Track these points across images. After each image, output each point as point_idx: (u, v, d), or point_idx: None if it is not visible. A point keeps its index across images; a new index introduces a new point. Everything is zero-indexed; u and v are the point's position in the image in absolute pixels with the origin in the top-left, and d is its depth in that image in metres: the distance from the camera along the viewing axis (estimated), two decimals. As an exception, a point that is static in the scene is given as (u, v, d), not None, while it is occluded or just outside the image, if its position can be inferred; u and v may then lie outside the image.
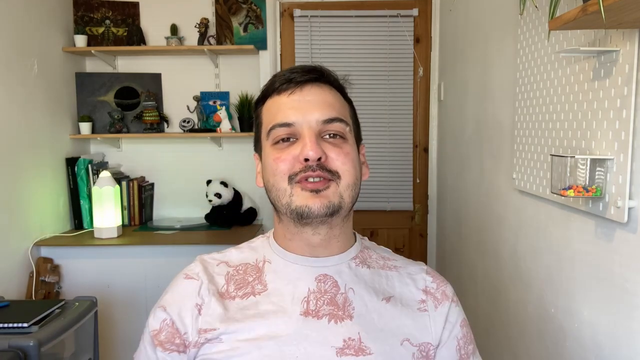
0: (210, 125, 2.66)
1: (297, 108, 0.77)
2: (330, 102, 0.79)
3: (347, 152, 0.77)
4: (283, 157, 0.76)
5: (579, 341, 1.13)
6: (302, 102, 0.77)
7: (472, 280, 1.99)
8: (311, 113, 0.76)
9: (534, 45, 1.35)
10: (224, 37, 2.65)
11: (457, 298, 0.87)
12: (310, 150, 0.74)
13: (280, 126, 0.77)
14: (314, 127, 0.76)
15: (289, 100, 0.78)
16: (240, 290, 0.80)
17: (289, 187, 0.76)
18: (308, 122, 0.76)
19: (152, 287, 2.26)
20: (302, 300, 0.78)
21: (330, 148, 0.76)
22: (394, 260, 0.88)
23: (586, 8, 0.78)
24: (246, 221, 2.63)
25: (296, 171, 0.75)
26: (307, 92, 0.78)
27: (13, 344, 1.43)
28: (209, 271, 0.83)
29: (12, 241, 2.10)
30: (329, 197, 0.75)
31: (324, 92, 0.79)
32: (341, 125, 0.78)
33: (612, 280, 1.00)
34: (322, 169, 0.75)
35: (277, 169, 0.77)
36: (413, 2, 2.73)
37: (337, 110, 0.79)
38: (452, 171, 2.42)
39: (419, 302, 0.82)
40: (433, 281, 0.85)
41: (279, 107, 0.78)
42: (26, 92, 2.19)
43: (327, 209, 0.75)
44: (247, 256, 0.85)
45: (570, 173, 1.02)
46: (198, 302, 0.79)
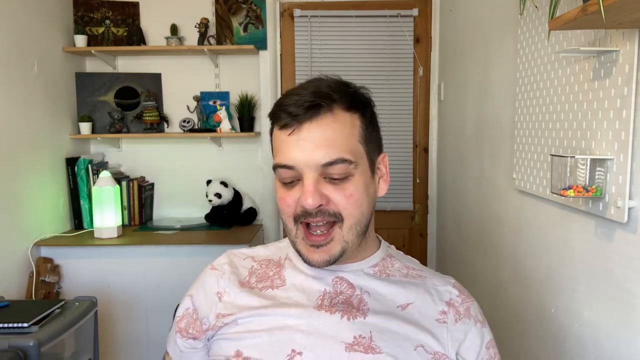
0: (210, 125, 2.66)
1: (298, 149, 0.75)
2: (331, 139, 0.75)
3: (350, 193, 0.76)
4: (286, 200, 0.77)
5: (579, 341, 1.13)
6: (301, 142, 0.75)
7: (472, 280, 1.99)
8: (311, 155, 0.74)
9: (534, 45, 1.35)
10: (224, 37, 2.65)
11: (483, 317, 0.85)
12: (307, 198, 0.74)
13: (282, 167, 0.77)
14: (314, 170, 0.75)
15: (289, 139, 0.76)
16: (260, 283, 0.85)
17: (294, 227, 0.78)
18: (308, 165, 0.74)
19: (152, 287, 2.26)
20: (317, 297, 0.81)
21: (333, 190, 0.75)
22: (420, 271, 0.88)
23: (586, 8, 0.78)
24: (246, 221, 2.62)
25: (298, 213, 0.77)
26: (306, 132, 0.75)
27: (13, 344, 1.43)
28: (235, 263, 0.89)
29: (12, 241, 2.09)
30: (330, 251, 0.77)
31: (326, 127, 0.75)
32: (343, 166, 0.75)
33: (612, 280, 1.00)
34: (324, 214, 0.75)
35: (282, 209, 0.79)
36: (413, 2, 2.73)
37: (340, 148, 0.75)
38: (452, 171, 2.42)
39: (439, 314, 0.81)
40: (459, 295, 0.84)
41: (281, 145, 0.77)
42: (26, 92, 2.19)
43: (327, 262, 0.77)
44: (272, 253, 0.90)
45: (570, 173, 1.02)
46: (219, 291, 0.85)
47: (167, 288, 2.25)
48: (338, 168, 0.75)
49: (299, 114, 0.75)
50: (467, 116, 2.10)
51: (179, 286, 2.28)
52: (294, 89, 0.80)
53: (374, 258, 0.85)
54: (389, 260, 0.87)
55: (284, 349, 0.76)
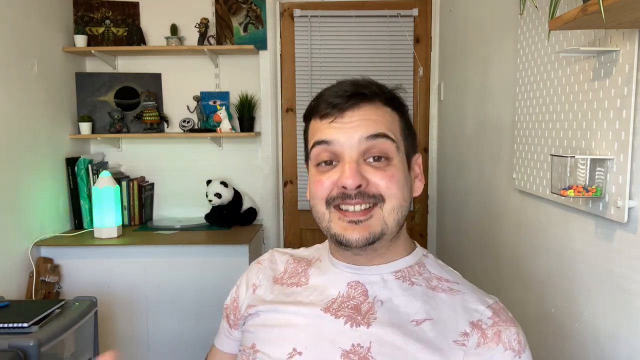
0: (210, 125, 2.66)
1: (337, 128, 0.74)
2: (374, 119, 0.74)
3: (391, 174, 0.73)
4: (323, 181, 0.74)
5: (579, 341, 1.13)
6: (344, 124, 0.73)
7: (472, 280, 1.99)
8: (353, 132, 0.73)
9: (534, 45, 1.35)
10: (224, 37, 2.65)
11: (520, 347, 0.71)
12: (348, 177, 0.70)
13: (319, 144, 0.74)
14: (355, 148, 0.72)
15: (328, 124, 0.75)
16: (290, 279, 0.87)
17: (327, 211, 0.75)
18: (349, 141, 0.72)
19: (152, 287, 2.26)
20: (330, 299, 0.80)
21: (373, 172, 0.73)
22: (455, 284, 0.79)
23: (586, 8, 0.78)
24: (246, 221, 2.62)
25: (333, 196, 0.73)
26: (348, 117, 0.74)
27: (13, 344, 1.43)
28: (275, 259, 0.92)
29: (12, 241, 2.09)
30: (369, 228, 0.73)
31: (368, 111, 0.74)
32: (386, 142, 0.73)
33: (612, 280, 1.00)
34: (363, 195, 0.72)
35: (316, 192, 0.76)
36: (413, 2, 2.73)
37: (383, 126, 0.74)
38: (452, 171, 2.42)
39: (460, 335, 0.72)
40: (491, 317, 0.73)
41: (319, 128, 0.76)
42: (26, 92, 2.19)
43: (366, 240, 0.73)
44: (310, 253, 0.91)
45: (570, 173, 1.02)
46: (256, 283, 0.89)
47: (167, 288, 2.25)
48: (380, 143, 0.73)
49: (341, 103, 0.73)
50: (467, 116, 2.10)
51: (179, 286, 2.29)
52: (332, 85, 0.78)
53: (399, 263, 0.80)
54: (418, 268, 0.81)
55: (287, 347, 0.77)
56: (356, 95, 0.74)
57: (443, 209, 2.64)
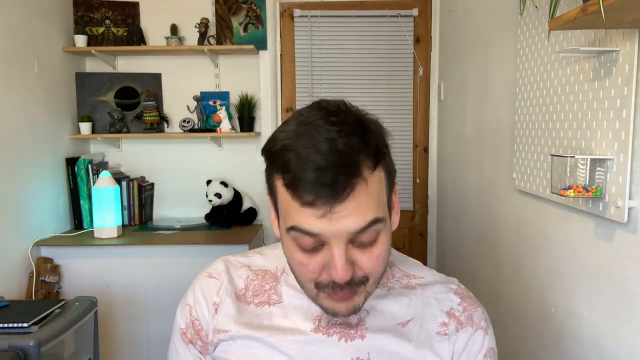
0: (210, 125, 2.66)
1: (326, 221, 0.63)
2: (365, 206, 0.64)
3: (377, 254, 0.68)
4: (310, 266, 0.68)
5: (579, 341, 1.13)
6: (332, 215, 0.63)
7: (472, 280, 1.99)
8: (343, 225, 0.63)
9: (534, 45, 1.35)
10: (224, 37, 2.65)
11: (486, 324, 0.80)
12: (340, 272, 0.65)
13: (301, 232, 0.65)
14: (344, 238, 0.65)
15: (315, 219, 0.64)
16: (256, 298, 0.80)
17: (315, 289, 0.70)
18: (338, 233, 0.64)
19: (152, 287, 2.26)
20: (314, 317, 0.76)
21: (360, 255, 0.67)
22: (421, 278, 0.82)
23: (586, 8, 0.78)
24: (246, 221, 2.62)
25: (323, 282, 0.68)
26: (338, 209, 0.63)
27: (13, 344, 1.43)
28: (230, 272, 0.83)
29: (12, 241, 2.09)
30: (353, 302, 0.70)
31: (358, 197, 0.63)
32: (378, 226, 0.66)
33: (612, 280, 1.00)
34: (351, 283, 0.68)
35: (301, 274, 0.70)
36: (413, 2, 2.73)
37: (373, 211, 0.65)
38: (452, 171, 2.42)
39: (440, 326, 0.77)
40: (460, 303, 0.80)
41: (301, 216, 0.64)
42: (26, 92, 2.19)
43: (353, 312, 0.71)
44: (269, 263, 0.84)
45: (570, 173, 1.02)
46: (216, 302, 0.80)
47: (167, 288, 2.25)
48: (371, 232, 0.66)
49: (328, 196, 0.62)
50: (467, 116, 2.10)
51: (179, 286, 2.28)
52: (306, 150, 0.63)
53: None
54: (389, 271, 0.82)
55: None
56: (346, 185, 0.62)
57: (443, 209, 2.64)
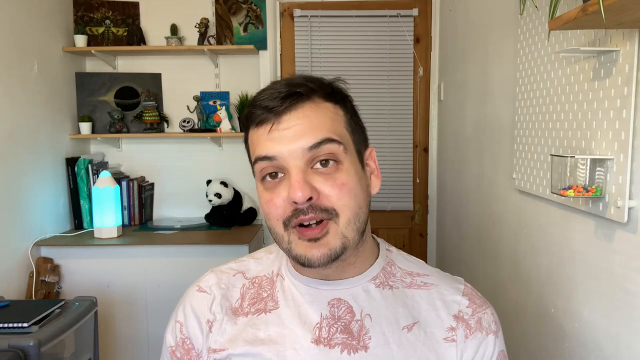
0: (210, 125, 2.66)
1: (278, 139, 0.67)
2: (315, 123, 0.68)
3: (342, 182, 0.67)
4: (274, 201, 0.68)
5: (579, 341, 1.13)
6: (282, 132, 0.67)
7: (471, 280, 1.98)
8: (294, 142, 0.67)
9: (534, 45, 1.35)
10: (224, 37, 2.65)
11: (496, 326, 0.76)
12: (297, 191, 0.65)
13: (262, 159, 0.68)
14: (300, 158, 0.67)
15: (269, 135, 0.68)
16: (253, 307, 0.77)
17: (285, 233, 0.69)
18: (291, 152, 0.66)
19: (152, 287, 2.26)
20: (314, 326, 0.72)
21: (322, 182, 0.67)
22: (425, 276, 0.79)
23: (586, 8, 0.78)
24: (246, 221, 2.62)
25: (289, 215, 0.67)
26: (286, 122, 0.67)
27: (13, 344, 1.43)
28: (224, 283, 0.79)
29: (12, 241, 2.09)
30: (328, 244, 0.67)
31: (307, 114, 0.68)
32: (332, 146, 0.67)
33: (612, 280, 1.00)
34: (315, 209, 0.66)
35: (270, 213, 0.70)
36: (413, 2, 2.73)
37: (326, 129, 0.68)
38: (452, 171, 2.42)
39: (447, 331, 0.73)
40: (469, 305, 0.76)
41: (259, 140, 0.69)
42: (26, 92, 2.19)
43: (328, 257, 0.68)
44: (265, 268, 0.81)
45: (570, 173, 1.02)
46: (209, 319, 0.76)
47: (167, 288, 2.25)
48: (326, 149, 0.67)
49: (276, 106, 0.67)
50: (467, 116, 2.10)
51: (179, 286, 2.28)
52: (266, 87, 0.72)
53: (374, 269, 0.77)
54: (390, 269, 0.78)
55: None
56: (291, 95, 0.68)
57: (443, 209, 2.64)
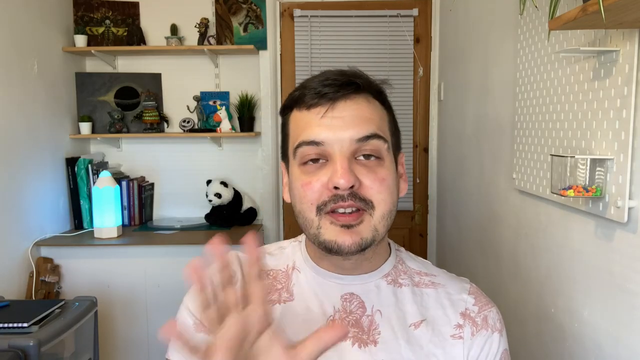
0: (210, 125, 2.66)
1: (328, 126, 0.67)
2: (366, 116, 0.69)
3: (383, 177, 0.68)
4: (312, 183, 0.68)
5: (579, 341, 1.13)
6: (334, 120, 0.67)
7: (471, 280, 1.98)
8: (344, 131, 0.67)
9: (534, 45, 1.35)
10: (224, 37, 2.65)
11: (501, 324, 0.78)
12: (341, 177, 0.65)
13: (308, 144, 0.68)
14: (347, 147, 0.67)
15: (319, 118, 0.68)
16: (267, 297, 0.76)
17: (316, 218, 0.68)
18: (340, 141, 0.67)
19: (152, 287, 2.26)
20: (327, 318, 0.74)
21: (365, 173, 0.68)
22: (433, 276, 0.80)
23: (586, 8, 0.78)
24: (246, 221, 2.62)
25: (325, 200, 0.67)
26: (340, 110, 0.68)
27: (13, 344, 1.43)
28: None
29: (12, 241, 2.09)
30: (361, 234, 0.68)
31: (360, 105, 0.69)
32: (378, 142, 0.68)
33: (612, 280, 1.00)
34: (355, 197, 0.67)
35: (305, 197, 0.69)
36: (413, 2, 2.73)
37: (375, 125, 0.69)
38: (452, 171, 2.42)
39: (455, 328, 0.75)
40: (475, 304, 0.78)
41: (308, 123, 0.69)
42: (26, 92, 2.19)
43: (358, 246, 0.68)
44: (280, 263, 0.81)
45: (570, 173, 1.02)
46: None
47: (167, 288, 2.25)
48: (372, 144, 0.68)
49: (331, 92, 0.67)
50: (467, 116, 2.10)
51: (179, 286, 2.28)
52: (317, 74, 0.72)
53: (386, 266, 0.78)
54: (400, 267, 0.80)
55: None
56: (347, 85, 0.69)
57: (443, 209, 2.64)
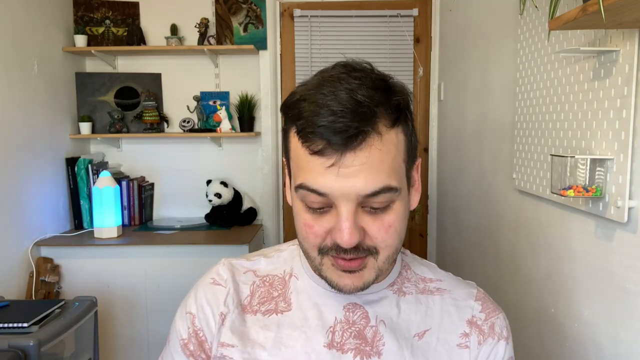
0: (210, 125, 2.66)
1: (334, 179, 0.61)
2: (376, 166, 0.61)
3: (390, 223, 0.64)
4: (315, 229, 0.65)
5: (579, 341, 1.13)
6: (341, 170, 0.60)
7: (471, 280, 1.99)
8: (352, 184, 0.60)
9: (534, 45, 1.35)
10: (224, 37, 2.65)
11: (508, 332, 0.76)
12: (345, 236, 0.61)
13: (311, 192, 0.62)
14: (353, 201, 0.61)
15: (324, 167, 0.61)
16: (263, 306, 0.75)
17: (318, 257, 0.67)
18: (345, 195, 0.61)
19: (152, 287, 2.26)
20: (327, 329, 0.71)
21: (371, 222, 0.64)
22: (438, 282, 0.78)
23: (586, 8, 0.78)
24: (246, 221, 2.62)
25: (327, 246, 0.65)
26: (349, 161, 0.60)
27: (13, 344, 1.43)
28: (236, 278, 0.77)
29: (12, 241, 2.09)
30: (363, 278, 0.66)
31: (372, 153, 0.60)
32: (388, 195, 0.62)
33: (612, 280, 1.00)
34: (358, 250, 0.64)
35: (307, 238, 0.66)
36: (413, 2, 2.73)
37: (386, 174, 0.62)
38: (452, 171, 2.42)
39: (461, 337, 0.73)
40: (482, 310, 0.76)
41: (311, 168, 0.62)
42: (26, 92, 2.19)
43: (359, 289, 0.67)
44: (276, 267, 0.78)
45: (570, 173, 1.02)
46: (223, 312, 0.74)
47: (167, 288, 2.25)
48: (382, 197, 0.62)
49: (339, 143, 0.59)
50: (467, 116, 2.10)
51: (179, 286, 2.28)
52: (324, 97, 0.62)
53: (391, 275, 0.76)
54: (406, 273, 0.78)
55: None
56: (359, 134, 0.60)
57: (443, 209, 2.64)
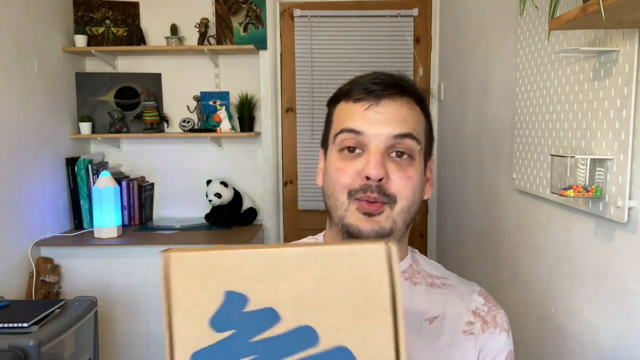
0: (210, 125, 2.66)
1: (370, 119, 0.73)
2: (405, 117, 0.75)
3: (410, 175, 0.74)
4: (346, 170, 0.74)
5: (579, 341, 1.13)
6: (376, 114, 0.74)
7: (471, 280, 1.99)
8: (383, 126, 0.73)
9: (534, 45, 1.35)
10: (224, 37, 2.65)
11: (508, 326, 0.82)
12: (373, 168, 0.71)
13: (348, 131, 0.74)
14: (383, 142, 0.73)
15: (362, 110, 0.74)
16: None
17: (347, 201, 0.74)
18: (378, 135, 0.73)
19: (152, 287, 2.26)
20: None
21: (394, 169, 0.73)
22: (445, 279, 0.85)
23: (586, 8, 0.78)
24: (246, 221, 2.62)
25: (356, 188, 0.73)
26: (383, 107, 0.74)
27: (13, 344, 1.43)
28: None
29: (12, 241, 2.09)
30: (380, 223, 0.73)
31: (401, 106, 0.75)
32: (412, 142, 0.74)
33: (612, 280, 1.00)
34: (380, 192, 0.72)
35: (338, 180, 0.75)
36: (413, 2, 2.73)
37: (411, 126, 0.75)
38: (452, 171, 2.42)
39: (466, 324, 0.79)
40: (485, 304, 0.82)
41: (352, 114, 0.75)
42: (26, 92, 2.19)
43: (377, 233, 0.73)
44: None
45: (570, 173, 1.02)
46: None
47: (167, 288, 2.25)
48: (406, 143, 0.74)
49: (378, 90, 0.74)
50: (467, 116, 2.10)
51: (179, 286, 2.28)
52: (367, 73, 0.79)
53: (404, 263, 0.83)
54: (416, 266, 0.84)
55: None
56: (394, 86, 0.75)
57: (443, 209, 2.64)
